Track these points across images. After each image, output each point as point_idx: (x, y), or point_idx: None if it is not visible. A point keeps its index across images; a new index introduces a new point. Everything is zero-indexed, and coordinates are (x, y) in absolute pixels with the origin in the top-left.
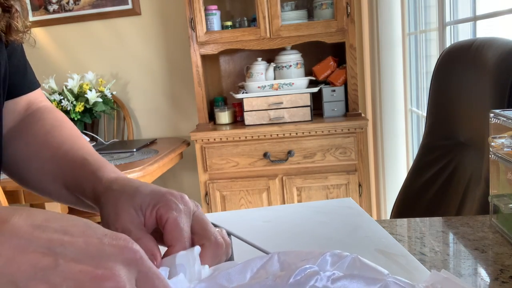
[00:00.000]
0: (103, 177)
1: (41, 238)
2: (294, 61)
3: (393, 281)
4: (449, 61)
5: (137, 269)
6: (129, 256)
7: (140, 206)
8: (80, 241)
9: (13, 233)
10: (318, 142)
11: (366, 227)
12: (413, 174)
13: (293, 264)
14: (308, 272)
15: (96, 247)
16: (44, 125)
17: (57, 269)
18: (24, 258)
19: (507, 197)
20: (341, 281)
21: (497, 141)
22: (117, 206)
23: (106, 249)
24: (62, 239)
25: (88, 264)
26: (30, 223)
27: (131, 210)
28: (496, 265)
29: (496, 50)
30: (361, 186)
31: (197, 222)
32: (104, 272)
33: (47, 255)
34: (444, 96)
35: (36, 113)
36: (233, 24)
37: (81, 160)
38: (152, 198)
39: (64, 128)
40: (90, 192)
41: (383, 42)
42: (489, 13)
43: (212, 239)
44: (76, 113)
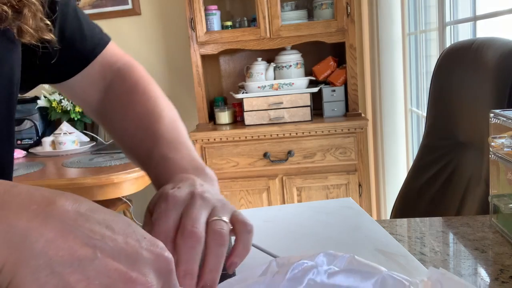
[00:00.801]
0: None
1: (83, 227)
2: (294, 61)
3: (390, 275)
4: (449, 61)
5: (164, 280)
6: (163, 266)
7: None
8: (120, 239)
9: (58, 216)
10: (318, 142)
11: (366, 227)
12: (413, 174)
13: (289, 261)
14: (305, 267)
15: (134, 248)
16: (126, 102)
17: (94, 262)
18: (65, 243)
19: (507, 197)
20: (338, 275)
21: (497, 141)
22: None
23: (144, 253)
24: (103, 233)
25: (124, 264)
26: (76, 210)
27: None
28: (496, 265)
29: (496, 50)
30: (361, 186)
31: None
32: (138, 276)
33: (87, 245)
34: (444, 96)
35: (114, 85)
36: (233, 24)
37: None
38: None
39: (143, 102)
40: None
41: (383, 42)
42: (489, 13)
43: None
44: (76, 113)
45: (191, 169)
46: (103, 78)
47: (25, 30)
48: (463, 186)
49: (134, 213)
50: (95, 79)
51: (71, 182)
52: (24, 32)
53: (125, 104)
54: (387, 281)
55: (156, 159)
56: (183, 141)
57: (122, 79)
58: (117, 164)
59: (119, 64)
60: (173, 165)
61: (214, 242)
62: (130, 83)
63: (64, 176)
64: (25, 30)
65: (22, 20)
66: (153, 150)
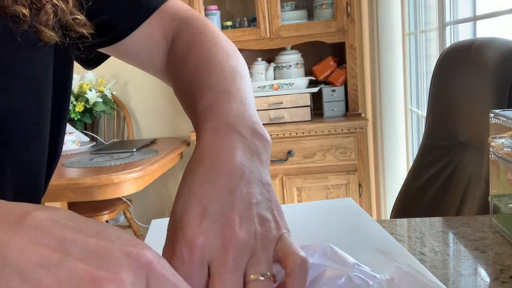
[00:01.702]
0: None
1: (56, 233)
2: (294, 61)
3: (356, 274)
4: (449, 61)
5: (146, 275)
6: (137, 261)
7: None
8: (92, 241)
9: (32, 226)
10: (318, 142)
11: (366, 227)
12: (413, 174)
13: None
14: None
15: (105, 249)
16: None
17: (63, 265)
18: (36, 250)
19: (507, 197)
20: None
21: (497, 141)
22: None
23: (115, 252)
24: (75, 237)
25: (92, 265)
26: (51, 218)
27: None
28: (496, 265)
29: (496, 50)
30: (361, 186)
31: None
32: (106, 274)
33: (57, 251)
34: (444, 96)
35: (174, 42)
36: (233, 24)
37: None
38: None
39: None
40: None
41: (383, 42)
42: (489, 13)
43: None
44: (76, 113)
45: (237, 127)
46: (165, 37)
47: (44, 31)
48: (463, 186)
49: (134, 213)
50: (156, 38)
51: (71, 182)
52: (44, 33)
53: (181, 59)
54: (354, 280)
55: (199, 111)
56: (236, 90)
57: (180, 34)
58: (117, 164)
59: (179, 20)
60: (216, 121)
61: None
62: (188, 36)
63: (64, 176)
64: (44, 31)
65: (42, 20)
66: (199, 103)
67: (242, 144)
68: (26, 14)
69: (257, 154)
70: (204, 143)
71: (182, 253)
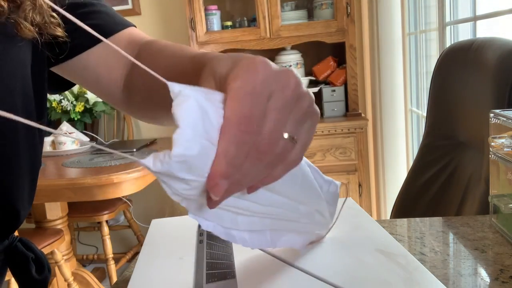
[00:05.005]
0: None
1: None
2: (294, 61)
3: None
4: (449, 61)
5: None
6: None
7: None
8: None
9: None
10: (318, 142)
11: (366, 227)
12: (413, 174)
13: None
14: None
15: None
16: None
17: None
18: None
19: (507, 197)
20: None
21: (497, 141)
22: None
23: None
24: None
25: None
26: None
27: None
28: (496, 265)
29: (496, 50)
30: (361, 186)
31: None
32: None
33: None
34: (444, 96)
35: (141, 53)
36: (233, 24)
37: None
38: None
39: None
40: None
41: (383, 42)
42: (489, 13)
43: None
44: (76, 113)
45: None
46: (130, 52)
47: (24, 26)
48: (463, 186)
49: (134, 213)
50: (120, 53)
51: (71, 182)
52: (23, 28)
53: (154, 58)
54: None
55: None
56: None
57: (149, 46)
58: (117, 164)
59: (146, 40)
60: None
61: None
62: (158, 45)
63: (64, 176)
64: (23, 25)
65: (20, 14)
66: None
67: None
68: (4, 6)
69: None
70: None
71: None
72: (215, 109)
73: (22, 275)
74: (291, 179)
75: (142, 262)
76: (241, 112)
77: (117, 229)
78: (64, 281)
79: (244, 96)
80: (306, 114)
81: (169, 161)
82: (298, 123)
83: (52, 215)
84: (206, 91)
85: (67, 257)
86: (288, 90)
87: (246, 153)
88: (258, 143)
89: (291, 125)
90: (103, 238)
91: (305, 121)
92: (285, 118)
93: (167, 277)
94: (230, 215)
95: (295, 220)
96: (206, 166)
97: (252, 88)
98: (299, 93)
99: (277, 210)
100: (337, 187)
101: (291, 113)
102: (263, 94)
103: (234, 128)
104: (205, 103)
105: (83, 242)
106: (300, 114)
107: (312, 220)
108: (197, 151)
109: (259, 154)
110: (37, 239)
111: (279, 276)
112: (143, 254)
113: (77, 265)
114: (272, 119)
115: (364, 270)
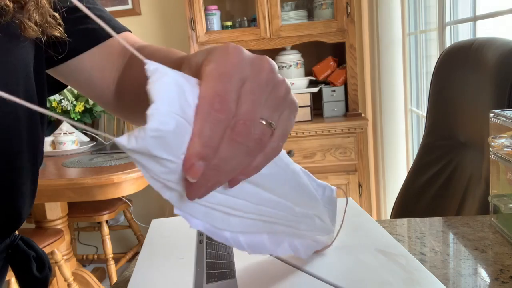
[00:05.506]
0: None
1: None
2: (294, 61)
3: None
4: (449, 61)
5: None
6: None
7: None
8: None
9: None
10: (318, 142)
11: (366, 227)
12: (413, 174)
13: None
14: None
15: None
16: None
17: None
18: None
19: (507, 197)
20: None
21: (497, 141)
22: None
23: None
24: None
25: None
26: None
27: None
28: (496, 265)
29: (496, 50)
30: (361, 186)
31: None
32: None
33: None
34: (444, 96)
35: (132, 59)
36: (233, 24)
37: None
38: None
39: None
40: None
41: (383, 42)
42: (489, 13)
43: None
44: (76, 113)
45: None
46: (122, 56)
47: (28, 25)
48: (463, 186)
49: (134, 213)
50: (114, 57)
51: (71, 182)
52: (27, 27)
53: (149, 55)
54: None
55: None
56: None
57: (142, 50)
58: (117, 164)
59: (139, 44)
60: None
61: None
62: (151, 49)
63: (64, 176)
64: (27, 25)
65: (24, 14)
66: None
67: None
68: (9, 6)
69: None
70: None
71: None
72: (192, 89)
73: (23, 273)
74: (278, 174)
75: (142, 262)
76: (214, 91)
77: (117, 229)
78: (64, 281)
79: (218, 76)
80: (283, 103)
81: (144, 136)
82: (275, 109)
83: (52, 215)
84: (183, 74)
85: (67, 257)
86: (263, 75)
87: (221, 134)
88: (233, 124)
89: (268, 111)
90: (103, 238)
91: (283, 109)
92: (260, 100)
93: (167, 277)
94: (221, 215)
95: (293, 225)
96: (183, 146)
97: (224, 69)
98: (274, 79)
99: (271, 211)
100: (333, 191)
101: (267, 99)
102: (236, 77)
103: (208, 107)
104: (182, 81)
105: (83, 242)
106: (277, 101)
107: (312, 224)
108: (173, 127)
109: (235, 135)
110: (37, 239)
111: (279, 276)
112: (143, 254)
113: (77, 265)
114: (247, 100)
115: (364, 270)
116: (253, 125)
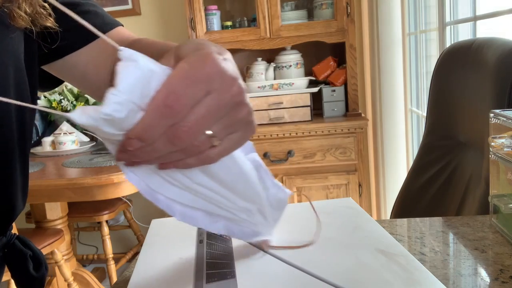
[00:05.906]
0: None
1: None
2: (294, 61)
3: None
4: (449, 61)
5: None
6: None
7: None
8: None
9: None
10: (318, 142)
11: (366, 227)
12: (413, 174)
13: None
14: None
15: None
16: None
17: None
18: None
19: (507, 197)
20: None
21: (497, 141)
22: None
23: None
24: None
25: None
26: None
27: None
28: (496, 265)
29: (496, 50)
30: (361, 186)
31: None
32: None
33: None
34: (444, 96)
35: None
36: (233, 24)
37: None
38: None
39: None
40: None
41: (383, 42)
42: (489, 13)
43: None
44: None
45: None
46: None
47: (17, 14)
48: (463, 186)
49: (134, 213)
50: (109, 52)
51: (71, 182)
52: (16, 17)
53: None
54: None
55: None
56: None
57: (136, 44)
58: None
59: (133, 38)
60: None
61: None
62: (145, 42)
63: (64, 176)
64: (17, 14)
65: (14, 3)
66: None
67: None
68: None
69: None
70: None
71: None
72: (160, 78)
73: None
74: (224, 166)
75: (142, 262)
76: (173, 89)
77: (117, 229)
78: (64, 281)
79: (185, 77)
80: (238, 124)
81: (96, 117)
82: (226, 128)
83: (52, 215)
84: (156, 62)
85: (67, 257)
86: (227, 95)
87: (163, 128)
88: (177, 128)
89: (218, 127)
90: (103, 238)
91: (236, 130)
92: (214, 115)
93: (167, 277)
94: (161, 180)
95: (229, 210)
96: (130, 126)
97: (194, 74)
98: (238, 101)
99: (208, 193)
100: (287, 194)
101: (222, 117)
102: (201, 86)
103: (160, 99)
104: (153, 68)
105: (83, 242)
106: (231, 121)
107: (251, 217)
108: (124, 115)
109: (173, 137)
110: (37, 239)
111: (279, 276)
112: (143, 254)
113: (77, 265)
114: (200, 113)
115: (364, 270)
116: (194, 136)
